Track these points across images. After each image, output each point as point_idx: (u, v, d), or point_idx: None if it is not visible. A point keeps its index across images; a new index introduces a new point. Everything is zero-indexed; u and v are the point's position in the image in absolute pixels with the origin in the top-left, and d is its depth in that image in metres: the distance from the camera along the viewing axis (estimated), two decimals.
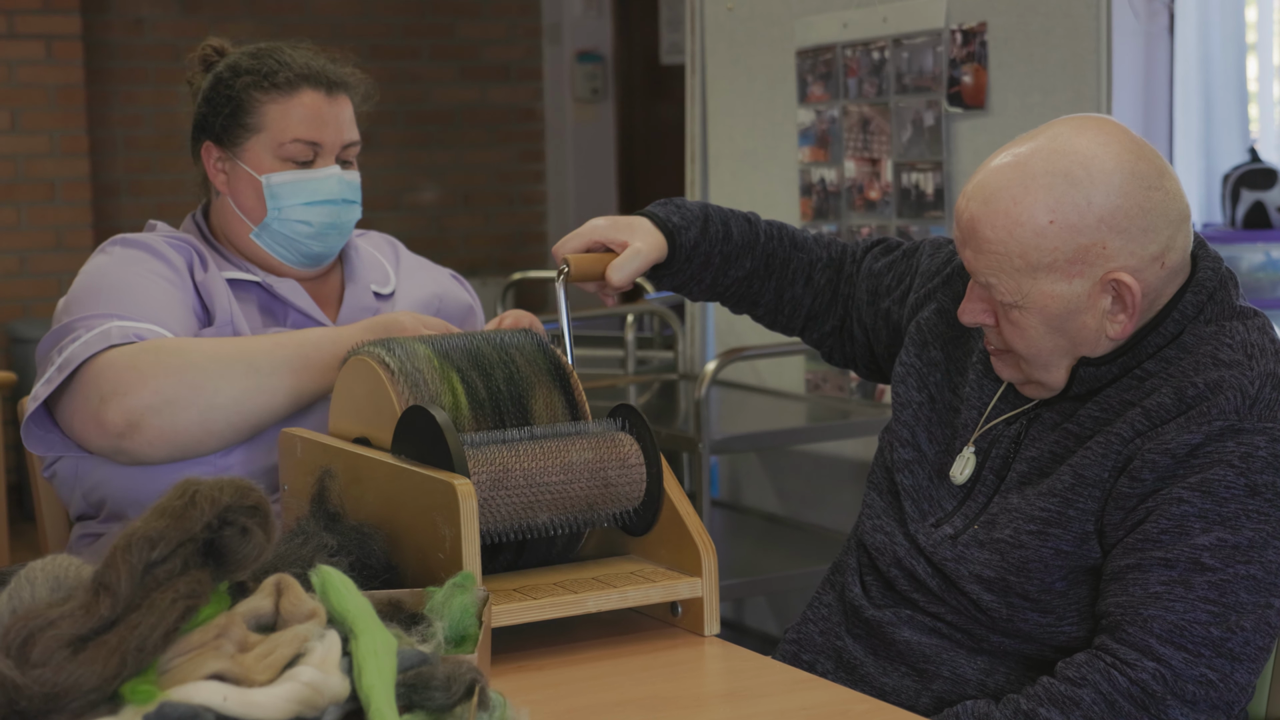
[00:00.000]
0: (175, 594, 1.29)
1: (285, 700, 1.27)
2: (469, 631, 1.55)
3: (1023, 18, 3.38)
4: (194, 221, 2.32)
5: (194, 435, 2.06)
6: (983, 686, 1.85)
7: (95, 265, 2.19)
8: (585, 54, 7.39)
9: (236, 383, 2.06)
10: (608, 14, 7.39)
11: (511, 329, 2.02)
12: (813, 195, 3.95)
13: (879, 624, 1.93)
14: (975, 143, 3.51)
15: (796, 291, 2.19)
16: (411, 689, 1.35)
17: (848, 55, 3.81)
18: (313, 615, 1.38)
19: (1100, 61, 3.25)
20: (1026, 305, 1.81)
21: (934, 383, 2.01)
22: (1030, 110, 3.37)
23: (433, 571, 1.72)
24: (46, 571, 1.32)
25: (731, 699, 1.62)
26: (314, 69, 2.26)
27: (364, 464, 1.86)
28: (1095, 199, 1.77)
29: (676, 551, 1.83)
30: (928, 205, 3.63)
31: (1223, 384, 1.75)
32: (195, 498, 1.34)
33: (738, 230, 2.15)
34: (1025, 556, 1.80)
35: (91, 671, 1.23)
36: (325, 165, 2.25)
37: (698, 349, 4.30)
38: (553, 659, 1.73)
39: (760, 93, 4.10)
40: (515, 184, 7.48)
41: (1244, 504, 1.73)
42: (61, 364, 2.05)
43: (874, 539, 1.97)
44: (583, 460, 1.82)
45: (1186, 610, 1.71)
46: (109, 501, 2.15)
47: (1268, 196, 4.44)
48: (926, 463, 1.96)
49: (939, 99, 3.57)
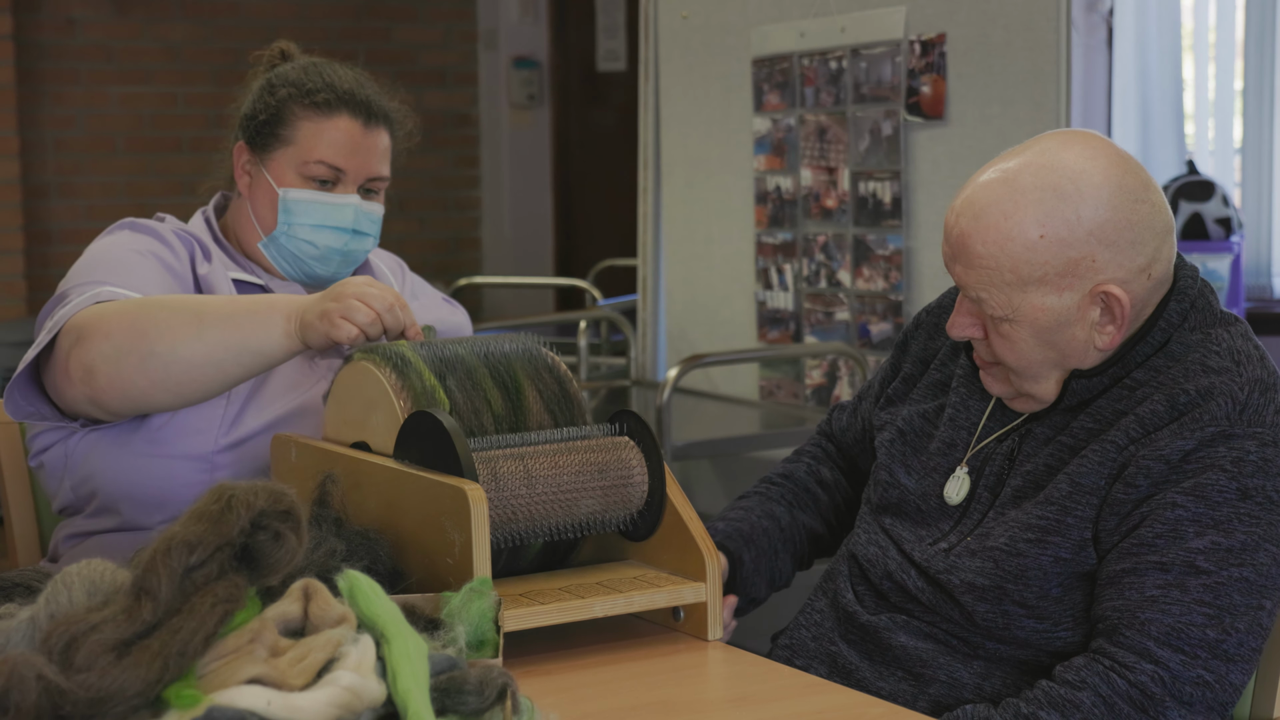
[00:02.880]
0: (214, 598, 1.29)
1: (327, 705, 1.27)
2: (487, 636, 1.55)
3: (983, 29, 3.42)
4: (204, 219, 2.31)
5: (138, 385, 1.99)
6: (979, 690, 1.88)
7: (100, 244, 2.19)
8: (521, 60, 7.38)
9: (177, 331, 1.98)
10: (544, 20, 7.40)
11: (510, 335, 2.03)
12: (768, 203, 3.98)
13: (874, 629, 1.95)
14: (933, 153, 3.55)
15: (830, 527, 2.23)
16: (444, 693, 1.35)
17: (805, 64, 3.84)
18: (342, 620, 1.38)
19: (1060, 74, 3.29)
20: (1017, 319, 1.84)
21: (903, 418, 2.04)
22: (989, 121, 3.41)
23: (440, 576, 1.73)
24: (83, 576, 1.32)
25: (744, 703, 1.63)
26: (357, 96, 2.25)
27: (365, 469, 1.85)
28: (1084, 213, 1.80)
29: (679, 556, 1.84)
30: (885, 214, 3.66)
31: (1213, 390, 1.79)
32: (232, 502, 1.34)
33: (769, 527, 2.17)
34: (1024, 564, 1.83)
35: (135, 676, 1.22)
36: (345, 192, 2.25)
37: (650, 355, 4.32)
38: (558, 664, 1.74)
39: (715, 101, 4.12)
40: (450, 189, 7.46)
41: (1236, 508, 1.77)
42: (51, 326, 2.04)
43: (867, 551, 2.00)
44: (585, 465, 1.82)
45: (1183, 613, 1.74)
46: (100, 493, 2.13)
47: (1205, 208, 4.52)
48: (909, 493, 1.99)
49: (897, 109, 3.60)
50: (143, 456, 2.10)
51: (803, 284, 3.89)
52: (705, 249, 4.19)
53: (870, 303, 3.72)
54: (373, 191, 2.29)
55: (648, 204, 4.34)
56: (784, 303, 3.96)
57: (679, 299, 4.29)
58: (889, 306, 3.67)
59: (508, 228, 7.34)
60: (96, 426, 2.11)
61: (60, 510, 2.23)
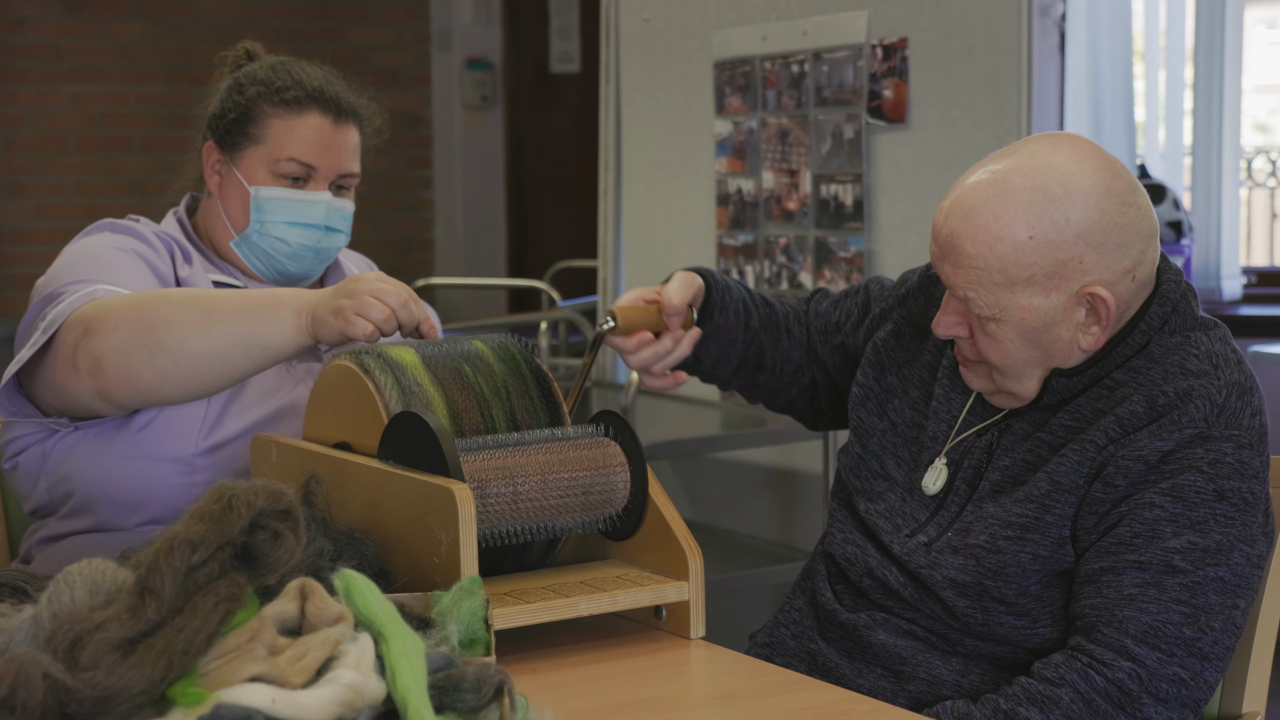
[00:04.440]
0: (217, 597, 1.30)
1: (330, 702, 1.28)
2: (478, 635, 1.56)
3: (945, 34, 3.45)
4: (176, 219, 2.31)
5: (146, 378, 1.98)
6: (958, 687, 1.90)
7: (82, 244, 2.18)
8: (474, 61, 7.38)
9: (186, 324, 1.97)
10: (497, 22, 7.39)
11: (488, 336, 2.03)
12: (729, 205, 4.00)
13: (854, 627, 1.97)
14: (895, 156, 3.57)
15: (784, 345, 2.22)
16: (442, 691, 1.36)
17: (766, 68, 3.86)
18: (340, 619, 1.39)
19: (1021, 78, 3.33)
20: (1004, 318, 1.86)
21: (893, 408, 2.06)
22: (951, 125, 3.44)
23: (427, 576, 1.73)
24: (84, 575, 1.32)
25: (734, 700, 1.64)
26: (326, 93, 2.26)
27: (349, 469, 1.86)
28: (1073, 215, 1.83)
29: (661, 555, 1.85)
30: (847, 216, 3.68)
31: (1192, 393, 1.82)
32: (232, 502, 1.35)
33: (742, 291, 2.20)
34: (1003, 561, 1.85)
35: (141, 674, 1.23)
36: (317, 189, 2.25)
37: (609, 356, 4.33)
38: (543, 662, 1.75)
39: (676, 103, 4.14)
40: (403, 190, 7.44)
41: (1212, 508, 1.79)
42: (46, 325, 2.03)
43: (844, 550, 2.02)
44: (568, 465, 1.83)
45: (1160, 611, 1.77)
46: (77, 494, 2.13)
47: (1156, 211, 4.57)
48: (897, 486, 2.01)
49: (859, 112, 3.63)
50: (123, 457, 2.10)
51: (764, 286, 3.91)
52: (666, 250, 4.21)
53: None
54: (344, 189, 2.30)
55: (608, 205, 4.35)
56: None
57: None
58: None
59: (460, 229, 7.33)
60: (79, 426, 2.11)
61: (32, 512, 2.22)
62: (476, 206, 7.36)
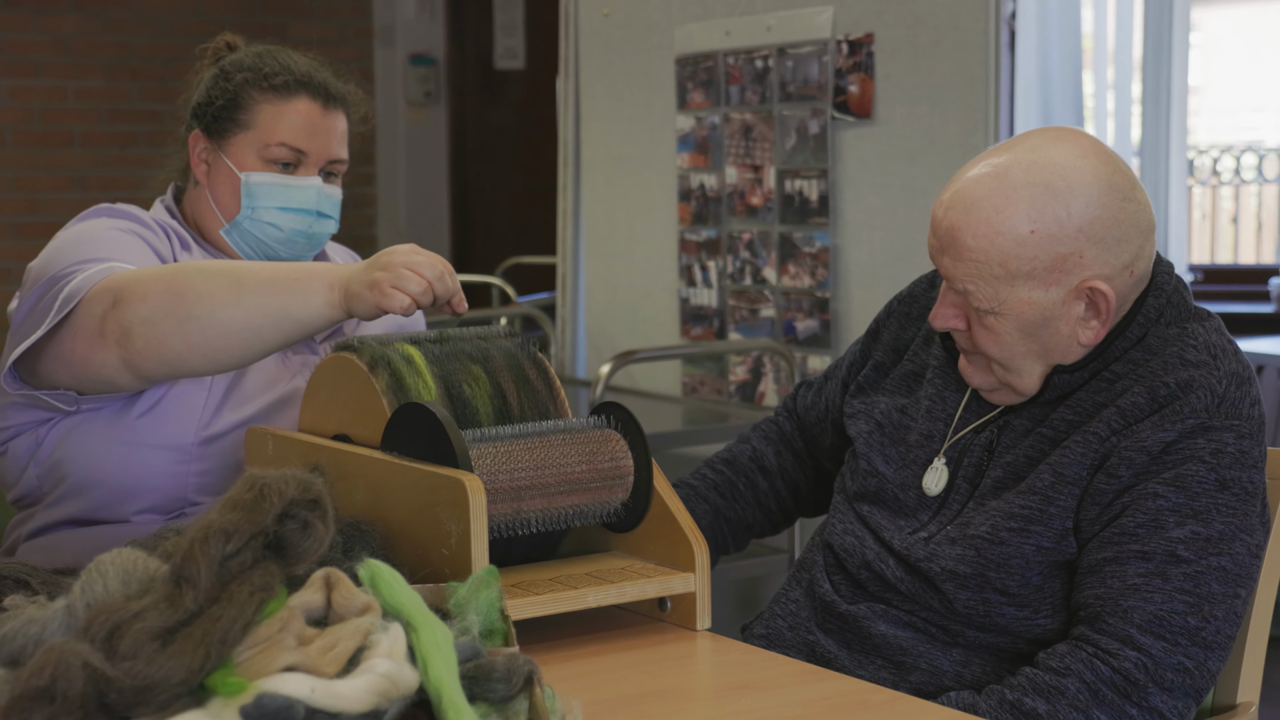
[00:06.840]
0: (252, 586, 1.28)
1: (367, 692, 1.27)
2: (496, 626, 1.55)
3: (911, 29, 3.46)
4: (164, 207, 2.28)
5: (174, 348, 1.94)
6: (959, 678, 1.90)
7: (81, 227, 2.14)
8: (418, 57, 7.34)
9: (216, 295, 1.93)
10: (441, 17, 7.36)
11: (483, 329, 2.02)
12: (691, 200, 3.99)
13: (853, 618, 1.97)
14: (861, 151, 3.58)
15: (762, 489, 2.27)
16: (473, 681, 1.35)
17: (730, 63, 3.86)
18: (367, 609, 1.38)
19: (988, 75, 3.34)
20: (1003, 311, 1.87)
21: (880, 411, 2.07)
22: (917, 120, 3.46)
23: (435, 567, 1.72)
24: (116, 565, 1.30)
25: (750, 690, 1.64)
26: (314, 78, 2.24)
27: (350, 460, 1.84)
28: (1075, 210, 1.84)
29: (666, 547, 1.85)
30: (812, 211, 3.69)
31: (1193, 383, 1.83)
32: (264, 491, 1.33)
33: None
34: (1006, 553, 1.86)
35: (180, 664, 1.21)
36: (307, 175, 2.24)
37: (569, 352, 4.32)
38: (553, 654, 1.74)
39: (637, 99, 4.13)
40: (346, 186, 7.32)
41: (1214, 498, 1.81)
42: (65, 299, 1.98)
43: (843, 540, 2.02)
44: (573, 457, 1.83)
45: (1164, 601, 1.78)
46: (70, 479, 2.10)
47: None
48: (888, 482, 2.02)
49: (824, 107, 3.64)
50: (121, 444, 2.07)
51: (727, 281, 3.92)
52: (626, 246, 4.20)
53: (797, 299, 3.75)
54: (332, 175, 2.28)
55: (567, 201, 4.34)
56: (708, 299, 3.98)
57: (599, 296, 4.29)
58: (815, 303, 3.70)
59: (404, 225, 7.29)
60: (82, 407, 2.07)
61: (16, 500, 2.19)
62: (420, 203, 7.32)
